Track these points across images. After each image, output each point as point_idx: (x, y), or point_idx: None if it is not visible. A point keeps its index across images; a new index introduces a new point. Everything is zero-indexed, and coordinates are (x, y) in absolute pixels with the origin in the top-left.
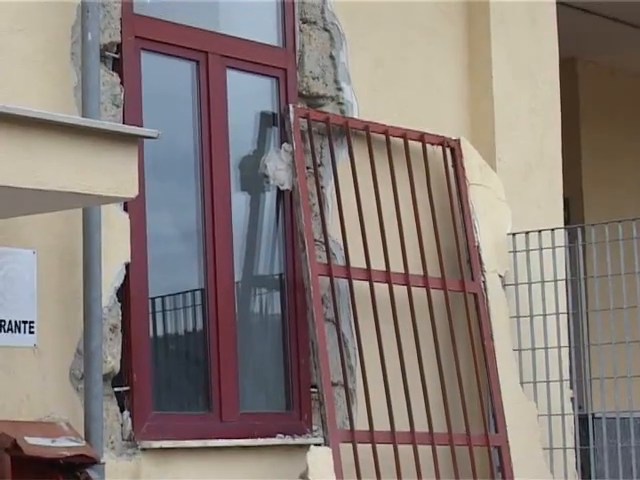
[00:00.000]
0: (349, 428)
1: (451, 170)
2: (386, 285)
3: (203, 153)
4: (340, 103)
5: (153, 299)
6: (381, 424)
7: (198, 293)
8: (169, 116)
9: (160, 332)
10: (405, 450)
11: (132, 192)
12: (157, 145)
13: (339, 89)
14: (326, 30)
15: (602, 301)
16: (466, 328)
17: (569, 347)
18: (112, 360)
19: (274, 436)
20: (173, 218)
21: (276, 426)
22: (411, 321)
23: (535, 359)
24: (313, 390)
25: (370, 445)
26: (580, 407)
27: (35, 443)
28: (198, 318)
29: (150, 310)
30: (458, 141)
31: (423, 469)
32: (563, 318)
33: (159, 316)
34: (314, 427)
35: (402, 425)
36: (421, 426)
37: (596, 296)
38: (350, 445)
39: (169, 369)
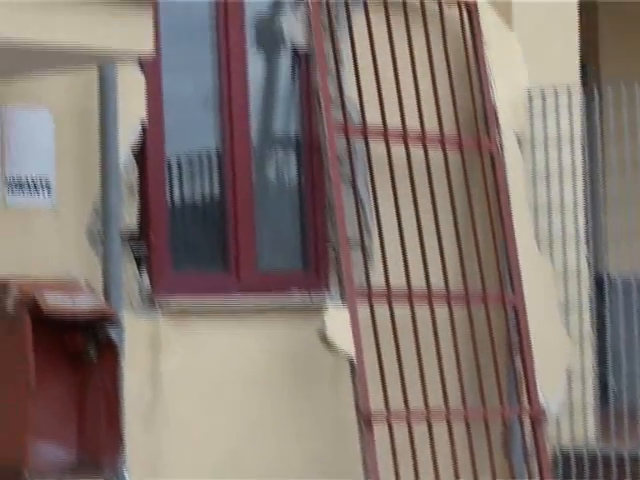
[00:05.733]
0: (366, 287)
1: (467, 29)
2: (402, 146)
3: (218, 13)
4: None
5: (170, 161)
6: (398, 283)
7: (215, 154)
8: None
9: (177, 193)
10: (421, 311)
11: (147, 46)
12: (172, 8)
13: None
14: None
15: (619, 161)
16: (482, 187)
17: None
18: (129, 219)
19: (290, 291)
20: (189, 80)
21: (293, 284)
22: (427, 181)
23: (551, 218)
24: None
25: (387, 305)
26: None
27: (55, 302)
28: (215, 179)
29: (167, 172)
30: (474, 0)
31: (440, 325)
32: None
33: (176, 177)
34: (331, 287)
35: (418, 282)
36: (438, 284)
37: (612, 155)
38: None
39: (187, 230)
